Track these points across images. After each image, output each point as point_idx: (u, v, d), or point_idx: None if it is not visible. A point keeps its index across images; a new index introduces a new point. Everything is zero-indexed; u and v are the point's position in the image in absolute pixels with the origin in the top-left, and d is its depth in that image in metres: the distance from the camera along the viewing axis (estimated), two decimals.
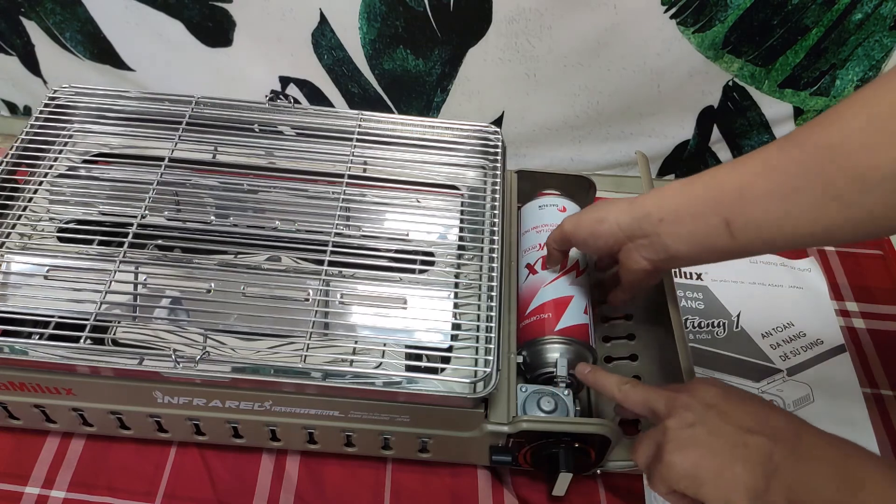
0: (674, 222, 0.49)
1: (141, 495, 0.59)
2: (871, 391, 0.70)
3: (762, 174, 0.45)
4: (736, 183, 0.47)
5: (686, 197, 0.49)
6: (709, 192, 0.48)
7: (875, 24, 0.81)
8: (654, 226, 0.51)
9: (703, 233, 0.48)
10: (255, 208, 0.64)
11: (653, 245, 0.51)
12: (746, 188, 0.46)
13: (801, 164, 0.43)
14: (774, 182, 0.45)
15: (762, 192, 0.45)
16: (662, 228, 0.50)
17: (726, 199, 0.47)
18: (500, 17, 0.83)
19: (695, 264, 0.58)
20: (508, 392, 0.56)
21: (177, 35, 0.90)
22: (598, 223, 0.54)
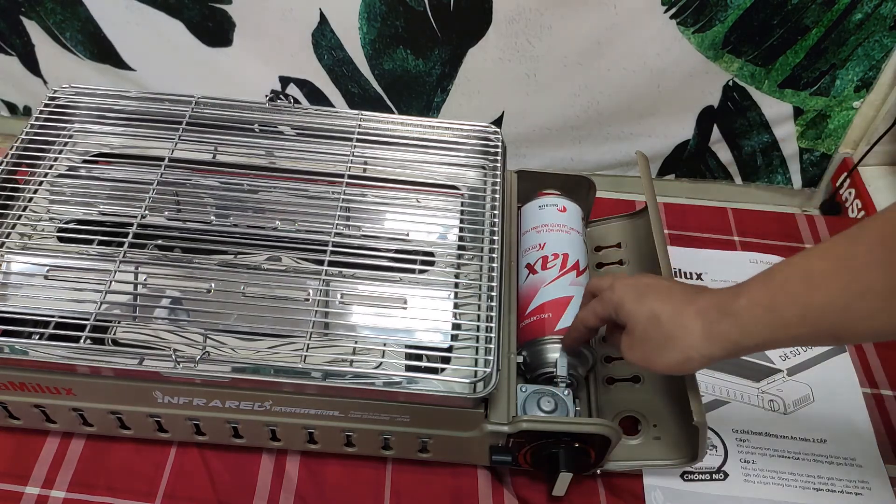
0: (772, 346, 0.48)
1: (141, 495, 0.59)
2: (871, 391, 0.70)
3: (863, 297, 0.42)
4: (831, 306, 0.43)
5: (777, 325, 0.46)
6: (802, 317, 0.45)
7: (875, 24, 0.81)
8: (750, 349, 0.48)
9: (810, 343, 0.50)
10: (255, 208, 0.64)
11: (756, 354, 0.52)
12: (847, 311, 0.43)
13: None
14: (879, 308, 0.42)
15: (867, 315, 0.42)
16: (761, 348, 0.49)
17: (827, 323, 0.44)
18: (500, 17, 0.83)
19: None
20: (508, 392, 0.56)
21: (177, 35, 0.90)
22: (685, 363, 0.50)
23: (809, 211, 1.01)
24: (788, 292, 0.45)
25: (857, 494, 0.63)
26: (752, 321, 0.47)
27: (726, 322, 0.47)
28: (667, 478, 0.63)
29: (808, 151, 0.95)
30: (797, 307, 0.44)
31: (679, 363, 0.50)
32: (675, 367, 0.50)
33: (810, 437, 0.66)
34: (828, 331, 0.44)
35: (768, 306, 0.46)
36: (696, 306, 0.49)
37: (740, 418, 0.67)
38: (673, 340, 0.49)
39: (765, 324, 0.46)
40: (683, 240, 0.84)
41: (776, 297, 0.46)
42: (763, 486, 0.63)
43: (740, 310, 0.47)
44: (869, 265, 0.42)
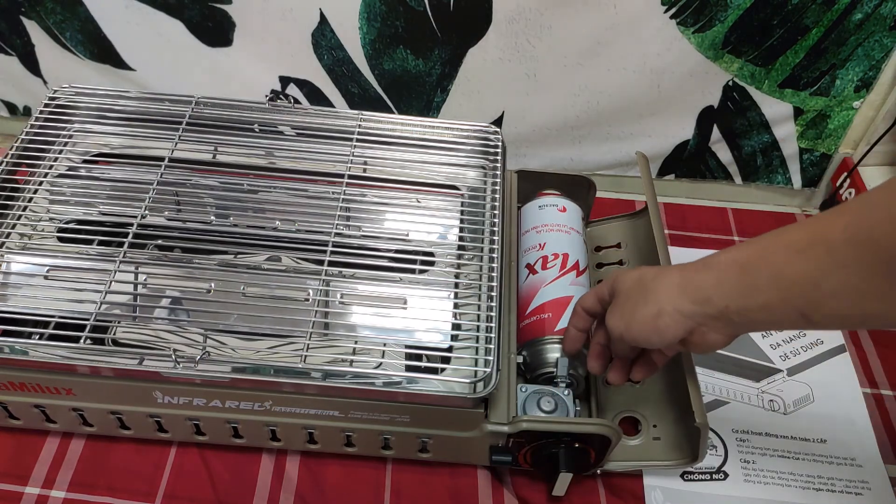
0: (742, 310, 0.47)
1: (141, 495, 0.59)
2: (871, 391, 0.70)
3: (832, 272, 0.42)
4: (803, 279, 0.43)
5: (747, 284, 0.46)
6: (772, 284, 0.45)
7: (875, 24, 0.81)
8: (721, 311, 0.47)
9: (779, 320, 0.47)
10: (255, 208, 0.64)
11: (726, 326, 0.48)
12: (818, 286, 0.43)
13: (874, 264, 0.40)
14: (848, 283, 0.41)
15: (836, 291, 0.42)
16: (731, 313, 0.47)
17: (795, 294, 0.44)
18: (500, 17, 0.83)
19: None
20: (508, 392, 0.56)
21: (177, 35, 0.90)
22: (657, 318, 0.49)
23: (809, 211, 1.01)
24: (766, 257, 0.45)
25: (857, 494, 0.63)
26: (727, 277, 0.47)
27: (702, 274, 0.48)
28: (667, 478, 0.63)
29: (808, 151, 0.95)
30: (771, 272, 0.45)
31: (652, 316, 0.49)
32: (648, 321, 0.49)
33: (810, 437, 0.66)
34: (796, 303, 0.44)
35: (744, 265, 0.46)
36: (679, 266, 0.50)
37: (740, 418, 0.67)
38: (649, 293, 0.49)
39: (738, 282, 0.46)
40: (683, 240, 0.84)
41: (753, 259, 0.46)
42: (763, 486, 0.63)
43: (718, 263, 0.47)
44: (844, 242, 0.41)
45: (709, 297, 0.47)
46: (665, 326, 0.49)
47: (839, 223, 0.42)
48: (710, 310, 0.47)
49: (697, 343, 0.50)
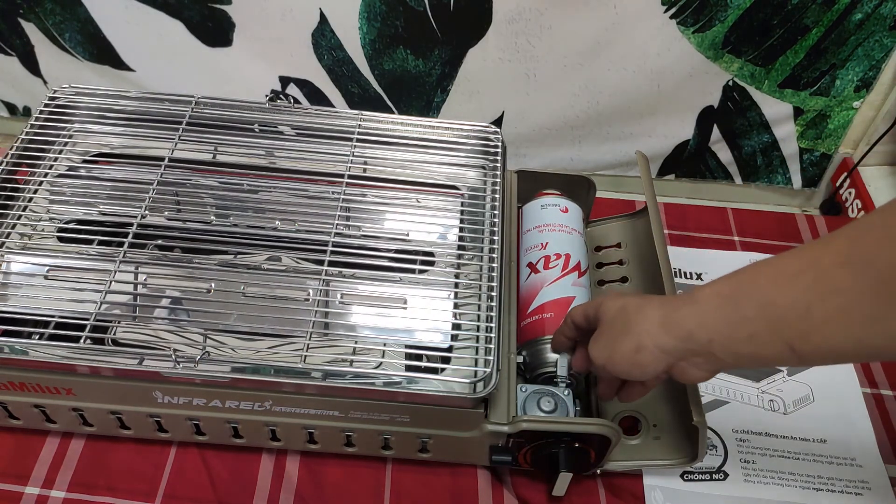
0: (726, 344, 0.44)
1: (141, 495, 0.59)
2: (871, 391, 0.70)
3: (825, 296, 0.40)
4: (793, 306, 0.41)
5: (733, 316, 0.44)
6: (759, 312, 0.43)
7: (875, 24, 0.81)
8: (704, 346, 0.45)
9: (764, 354, 0.44)
10: (255, 208, 0.64)
11: (708, 363, 0.46)
12: (809, 312, 0.40)
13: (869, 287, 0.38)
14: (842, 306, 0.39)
15: (828, 317, 0.40)
16: (715, 348, 0.45)
17: (785, 324, 0.42)
18: (500, 17, 0.83)
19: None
20: (508, 392, 0.56)
21: (177, 35, 0.90)
22: (637, 353, 0.48)
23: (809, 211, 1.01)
24: (754, 286, 0.43)
25: (857, 494, 0.63)
26: (711, 310, 0.45)
27: (685, 310, 0.46)
28: (667, 478, 0.63)
29: (808, 151, 0.95)
30: (759, 301, 0.43)
31: (632, 351, 0.48)
32: (628, 355, 0.48)
33: (810, 437, 0.66)
34: (785, 333, 0.41)
35: (730, 297, 0.44)
36: (663, 298, 0.49)
37: (740, 418, 0.67)
38: (631, 326, 0.48)
39: (723, 315, 0.44)
40: (683, 240, 0.84)
41: (740, 290, 0.44)
42: (763, 486, 0.63)
43: (701, 298, 0.46)
44: (837, 266, 0.40)
45: (691, 331, 0.45)
46: (645, 362, 0.48)
47: (831, 248, 0.41)
48: (692, 345, 0.46)
49: (677, 377, 0.48)
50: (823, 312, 0.40)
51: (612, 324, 0.50)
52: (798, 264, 0.42)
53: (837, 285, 0.39)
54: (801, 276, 0.41)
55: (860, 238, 0.40)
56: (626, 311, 0.49)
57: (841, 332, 0.40)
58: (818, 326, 0.40)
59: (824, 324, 0.40)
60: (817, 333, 0.40)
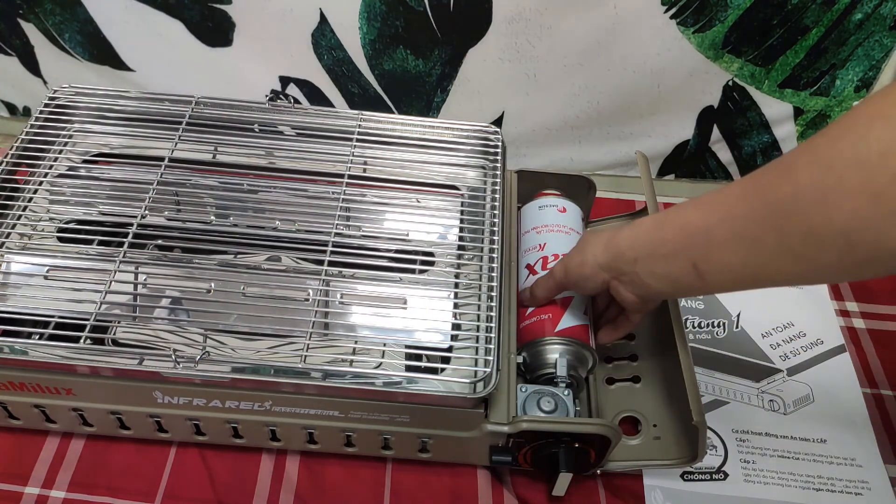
0: (647, 262, 0.51)
1: (141, 495, 0.59)
2: (871, 391, 0.70)
3: (724, 221, 0.46)
4: (700, 227, 0.47)
5: (656, 236, 0.50)
6: (676, 233, 0.49)
7: (875, 24, 0.81)
8: (630, 264, 0.52)
9: (675, 274, 0.49)
10: (255, 208, 0.64)
11: (633, 283, 0.53)
12: (709, 233, 0.46)
13: (758, 215, 0.43)
14: (734, 230, 0.45)
15: (723, 239, 0.46)
16: (639, 268, 0.51)
17: (692, 243, 0.48)
18: (500, 17, 0.83)
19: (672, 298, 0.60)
20: (508, 392, 0.56)
21: (177, 35, 0.90)
22: (581, 266, 0.55)
23: None
24: (677, 212, 0.49)
25: (857, 494, 0.63)
26: (642, 233, 0.51)
27: (624, 232, 0.52)
28: (667, 478, 0.63)
29: None
30: (677, 224, 0.49)
31: (578, 265, 0.55)
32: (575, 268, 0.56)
33: (810, 437, 0.66)
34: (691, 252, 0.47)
35: (659, 221, 0.51)
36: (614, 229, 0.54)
37: (740, 418, 0.67)
38: (583, 246, 0.56)
39: (649, 236, 0.51)
40: None
41: (667, 216, 0.50)
42: (763, 486, 0.63)
43: (639, 223, 0.52)
44: (736, 196, 0.45)
45: (622, 250, 0.52)
46: (587, 274, 0.55)
47: (740, 182, 0.46)
48: (621, 263, 0.52)
49: (615, 297, 0.56)
50: (721, 234, 0.46)
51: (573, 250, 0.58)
52: (714, 196, 0.47)
53: (734, 212, 0.45)
54: (711, 203, 0.47)
55: (761, 174, 0.44)
56: (586, 237, 0.57)
57: (732, 253, 0.45)
58: (717, 246, 0.46)
59: (721, 244, 0.46)
60: (715, 252, 0.46)
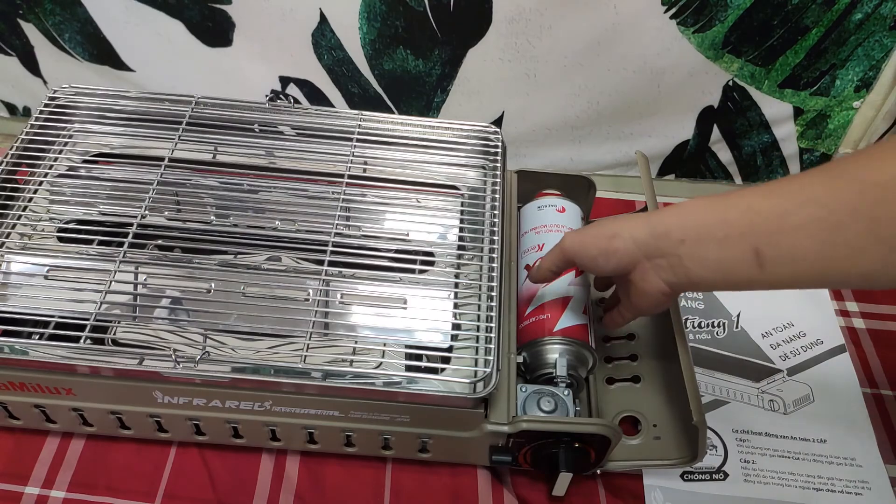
0: (697, 245, 0.45)
1: (141, 495, 0.59)
2: (871, 391, 0.70)
3: (803, 204, 0.41)
4: (772, 210, 0.43)
5: (713, 218, 0.45)
6: (739, 215, 0.44)
7: (875, 24, 0.81)
8: (674, 246, 0.46)
9: (729, 260, 0.44)
10: (255, 208, 0.64)
11: (672, 267, 0.47)
12: (784, 217, 0.42)
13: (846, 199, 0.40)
14: (815, 214, 0.41)
15: (800, 223, 0.41)
16: (683, 250, 0.46)
17: (759, 226, 0.43)
18: (500, 17, 0.83)
19: (714, 290, 0.54)
20: (508, 392, 0.56)
21: (177, 35, 0.90)
22: (611, 239, 0.49)
23: None
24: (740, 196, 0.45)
25: (857, 494, 0.63)
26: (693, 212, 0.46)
27: (669, 211, 0.48)
28: (667, 478, 0.63)
29: (808, 151, 0.95)
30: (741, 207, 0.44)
31: (607, 237, 0.49)
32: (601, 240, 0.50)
33: (810, 437, 0.66)
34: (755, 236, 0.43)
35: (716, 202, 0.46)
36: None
37: (740, 418, 0.67)
38: (613, 221, 0.50)
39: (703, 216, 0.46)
40: None
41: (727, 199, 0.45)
42: (763, 486, 0.63)
43: (688, 204, 0.47)
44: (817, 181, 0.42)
45: (668, 229, 0.47)
46: (614, 248, 0.49)
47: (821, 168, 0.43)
48: (663, 243, 0.47)
49: (637, 283, 0.50)
50: (798, 218, 0.41)
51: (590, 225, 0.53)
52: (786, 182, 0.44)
53: (815, 196, 0.41)
54: (783, 189, 0.43)
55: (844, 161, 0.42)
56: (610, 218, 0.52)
57: (808, 238, 0.41)
58: (790, 231, 0.42)
59: (795, 230, 0.42)
60: (788, 238, 0.42)
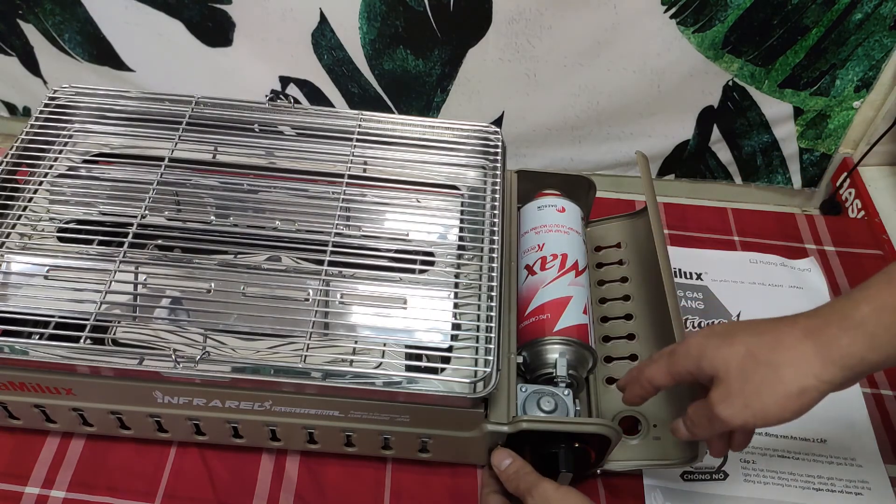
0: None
1: (141, 495, 0.59)
2: (871, 391, 0.70)
3: None
4: None
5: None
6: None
7: (875, 24, 0.81)
8: (874, 366, 0.42)
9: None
10: (255, 208, 0.64)
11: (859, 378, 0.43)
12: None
13: None
14: None
15: None
16: (884, 365, 0.42)
17: None
18: (500, 17, 0.83)
19: None
20: (508, 392, 0.56)
21: (177, 35, 0.90)
22: (800, 396, 0.42)
23: (809, 211, 1.01)
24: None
25: (857, 494, 0.63)
26: (882, 329, 0.41)
27: (848, 336, 0.41)
28: (667, 478, 0.63)
29: (808, 151, 0.95)
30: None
31: (794, 396, 0.42)
32: (788, 402, 0.42)
33: (810, 437, 0.66)
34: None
35: (888, 302, 0.40)
36: (800, 327, 0.43)
37: None
38: (780, 372, 0.42)
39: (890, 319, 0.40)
40: (683, 240, 0.84)
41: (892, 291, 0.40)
42: (763, 486, 0.63)
43: (865, 319, 0.41)
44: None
45: (862, 357, 0.41)
46: (809, 402, 0.43)
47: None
48: (862, 368, 0.42)
49: None
50: None
51: (745, 375, 0.43)
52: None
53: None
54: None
55: None
56: (755, 354, 0.43)
57: None
58: None
59: None
60: None
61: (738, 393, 0.43)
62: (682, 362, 0.46)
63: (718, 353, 0.44)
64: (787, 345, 0.42)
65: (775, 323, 0.45)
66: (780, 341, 0.43)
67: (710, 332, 0.46)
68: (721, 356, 0.44)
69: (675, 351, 0.47)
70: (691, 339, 0.46)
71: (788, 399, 0.42)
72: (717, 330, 0.46)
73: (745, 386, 0.43)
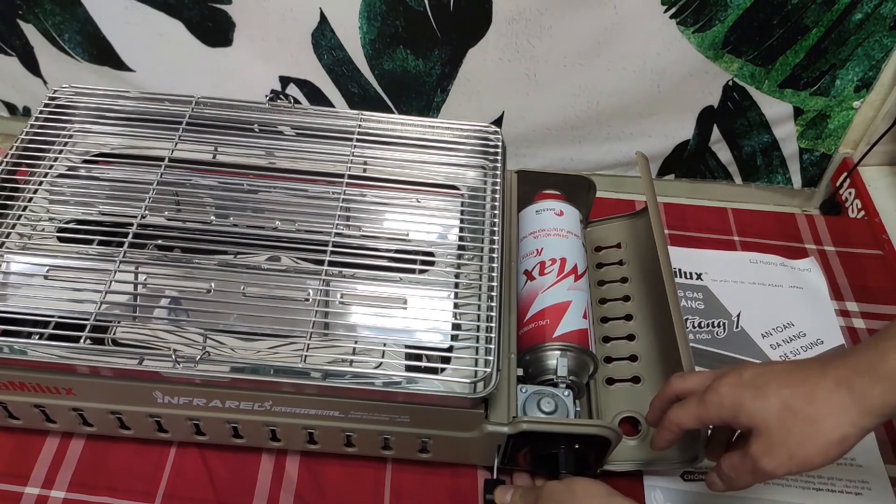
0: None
1: (141, 495, 0.59)
2: None
3: None
4: None
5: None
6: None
7: (875, 24, 0.81)
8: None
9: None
10: (255, 208, 0.64)
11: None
12: None
13: None
14: None
15: None
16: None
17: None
18: (500, 17, 0.83)
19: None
20: (508, 392, 0.56)
21: (177, 35, 0.90)
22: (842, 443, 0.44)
23: (809, 211, 1.01)
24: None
25: (857, 494, 0.63)
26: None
27: (880, 387, 0.43)
28: (667, 478, 0.63)
29: (808, 151, 0.95)
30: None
31: (835, 444, 0.44)
32: (830, 450, 0.44)
33: None
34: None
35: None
36: (832, 378, 0.45)
37: None
38: (819, 424, 0.44)
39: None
40: (683, 240, 0.84)
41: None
42: (763, 486, 0.63)
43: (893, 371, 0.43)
44: None
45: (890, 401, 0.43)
46: (850, 447, 0.45)
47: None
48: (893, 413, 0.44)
49: None
50: None
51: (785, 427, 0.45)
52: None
53: None
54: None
55: None
56: (792, 406, 0.45)
57: None
58: None
59: None
60: None
61: (780, 445, 0.45)
62: (715, 412, 0.48)
63: (755, 407, 0.46)
64: (822, 397, 0.45)
65: (805, 372, 0.46)
66: (815, 394, 0.45)
67: (740, 381, 0.48)
68: (757, 409, 0.46)
69: (705, 400, 0.48)
70: (722, 389, 0.48)
71: (830, 447, 0.44)
72: (747, 379, 0.47)
73: (788, 439, 0.45)
